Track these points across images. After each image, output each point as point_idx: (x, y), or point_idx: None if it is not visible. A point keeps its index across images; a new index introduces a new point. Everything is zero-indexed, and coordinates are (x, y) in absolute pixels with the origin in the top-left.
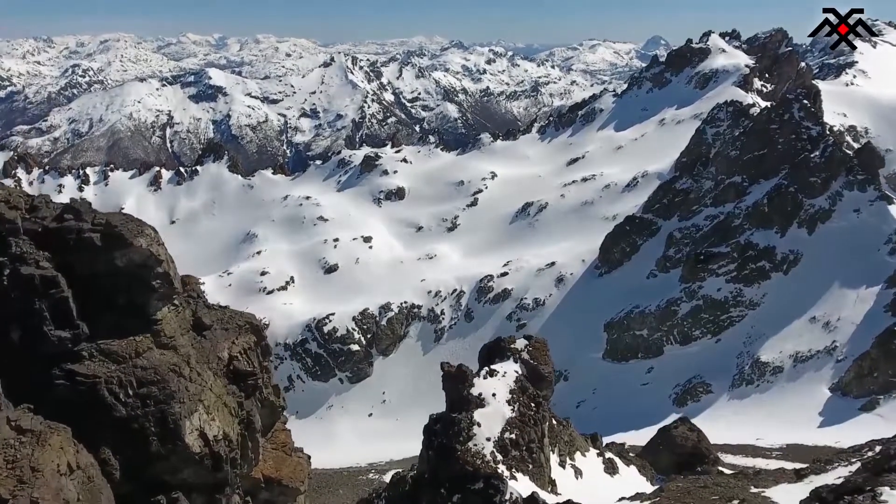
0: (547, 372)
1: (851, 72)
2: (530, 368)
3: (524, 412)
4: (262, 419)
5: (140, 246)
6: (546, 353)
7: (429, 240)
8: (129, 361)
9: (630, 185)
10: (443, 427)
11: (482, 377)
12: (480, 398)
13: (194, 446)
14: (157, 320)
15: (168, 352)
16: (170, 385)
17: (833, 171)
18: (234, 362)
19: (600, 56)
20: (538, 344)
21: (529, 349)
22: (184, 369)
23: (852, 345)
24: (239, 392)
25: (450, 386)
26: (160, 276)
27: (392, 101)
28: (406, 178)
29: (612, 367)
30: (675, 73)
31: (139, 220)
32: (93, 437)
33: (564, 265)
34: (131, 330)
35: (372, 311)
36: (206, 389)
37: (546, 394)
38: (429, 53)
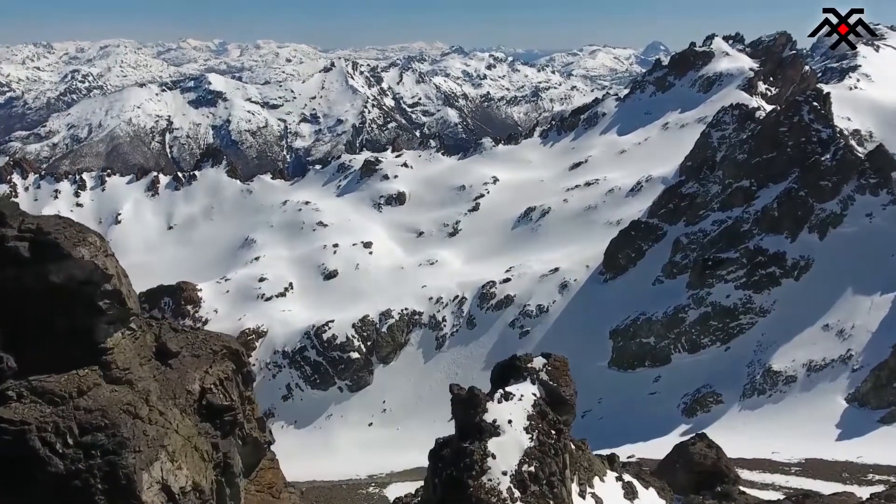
0: (568, 394)
1: (855, 75)
2: (549, 390)
3: (544, 441)
4: (243, 458)
5: (81, 257)
6: (567, 373)
7: (430, 245)
8: (70, 402)
9: (634, 190)
10: (453, 457)
11: (496, 401)
12: (495, 425)
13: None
14: (108, 349)
15: (121, 388)
16: (121, 430)
17: (844, 174)
18: (207, 396)
19: (600, 61)
20: (558, 363)
21: (548, 368)
22: (141, 409)
23: (868, 354)
24: (214, 431)
25: (460, 411)
26: (108, 295)
27: (392, 107)
28: (407, 182)
29: (618, 376)
30: (679, 76)
31: (81, 225)
32: (22, 499)
33: (568, 271)
34: (74, 362)
35: (372, 318)
36: (171, 432)
37: (567, 419)
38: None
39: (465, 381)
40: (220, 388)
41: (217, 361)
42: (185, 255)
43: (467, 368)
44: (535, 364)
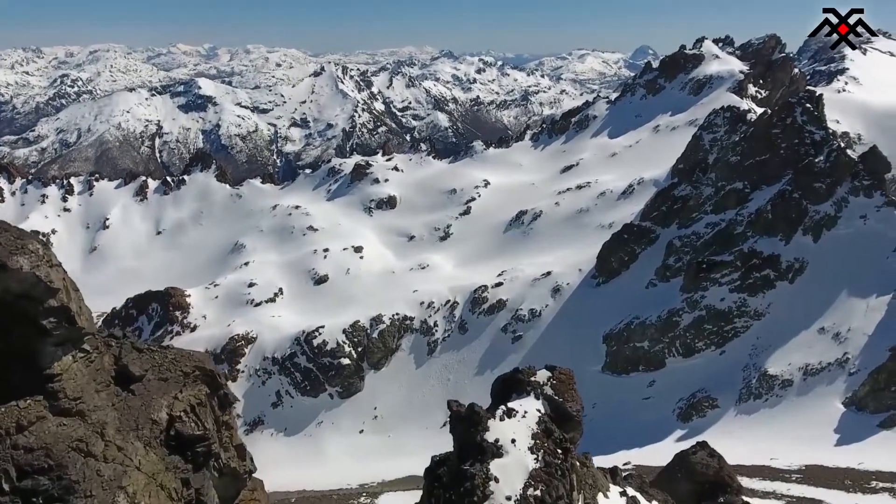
0: (575, 410)
1: (843, 78)
2: (555, 406)
3: (550, 462)
4: (220, 491)
5: (19, 268)
6: (572, 387)
7: (421, 249)
8: (7, 440)
9: (626, 193)
10: (451, 479)
11: (498, 418)
12: (497, 446)
13: None
14: (55, 375)
15: (70, 421)
16: (69, 471)
17: (838, 176)
18: (176, 425)
19: (589, 65)
20: (563, 375)
21: (553, 382)
22: (94, 445)
23: (865, 357)
24: (185, 464)
25: (459, 429)
26: (54, 312)
27: (382, 111)
28: (397, 186)
29: (612, 381)
30: (669, 79)
31: (19, 230)
32: None
33: (561, 275)
34: (13, 391)
35: (363, 323)
36: (132, 469)
37: (574, 436)
38: (419, 63)
39: (458, 387)
40: (191, 415)
41: (188, 385)
42: (173, 261)
43: (459, 374)
44: (538, 377)
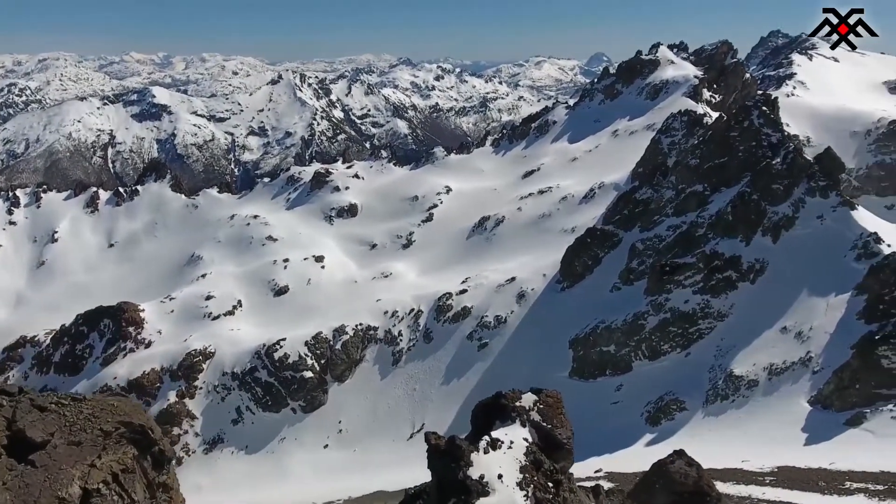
0: (565, 437)
1: (791, 83)
2: (543, 434)
3: (541, 498)
4: None
5: None
6: (561, 412)
7: (383, 258)
8: None
9: (587, 197)
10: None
11: (482, 451)
12: (483, 483)
13: None
14: None
15: None
16: None
17: (795, 177)
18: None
19: (546, 72)
20: (550, 399)
21: (540, 406)
22: None
23: (828, 355)
24: None
25: (439, 464)
26: None
27: (342, 118)
28: (358, 194)
29: (579, 386)
30: (626, 84)
31: None
32: None
33: (525, 280)
34: None
35: (325, 334)
36: None
37: (564, 465)
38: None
39: (424, 397)
40: (113, 485)
41: (110, 447)
42: (126, 274)
43: (426, 384)
44: (524, 402)
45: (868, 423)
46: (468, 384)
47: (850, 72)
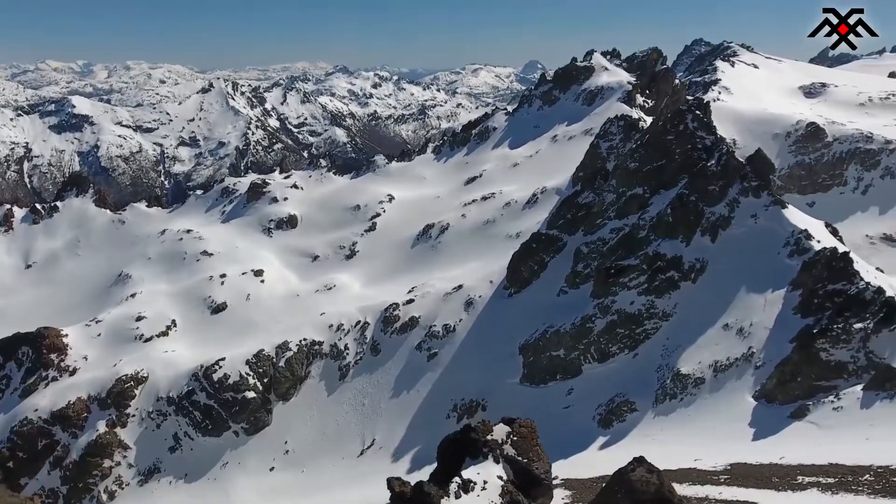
0: (543, 471)
1: (716, 88)
2: (519, 469)
3: None
4: None
5: None
6: (537, 443)
7: (326, 269)
8: None
9: (530, 202)
10: None
11: (453, 495)
12: None
13: None
14: None
15: None
16: None
17: (729, 178)
18: None
19: (482, 79)
20: (525, 430)
21: (514, 439)
22: None
23: (769, 350)
24: None
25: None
26: None
27: (277, 127)
28: (297, 204)
29: (531, 392)
30: (563, 90)
31: None
32: None
33: (472, 288)
34: None
35: (268, 352)
36: None
37: (543, 502)
38: (313, 78)
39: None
40: None
41: None
42: (46, 297)
43: (374, 398)
44: (496, 435)
45: (811, 416)
46: (419, 395)
47: (769, 77)
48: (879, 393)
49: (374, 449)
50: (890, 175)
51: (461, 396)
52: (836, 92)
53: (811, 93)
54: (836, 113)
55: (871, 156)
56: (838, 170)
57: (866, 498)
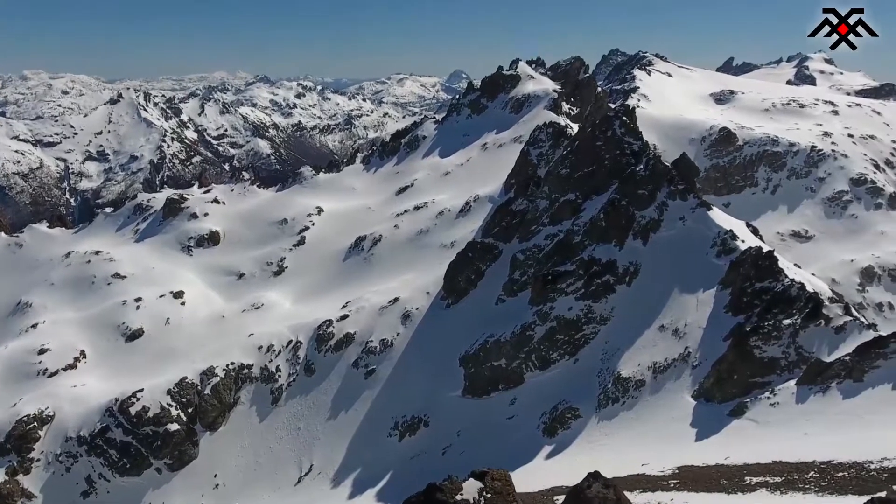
0: None
1: (636, 96)
2: None
3: None
4: None
5: None
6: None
7: (253, 288)
8: None
9: (464, 211)
10: None
11: None
12: None
13: None
14: None
15: None
16: None
17: (657, 182)
18: None
19: (408, 89)
20: (498, 483)
21: (487, 496)
22: None
23: (704, 349)
24: None
25: None
26: None
27: (195, 139)
28: (220, 220)
29: (474, 404)
30: (491, 98)
31: None
32: None
33: (409, 300)
34: None
35: (191, 379)
36: None
37: None
38: (233, 88)
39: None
40: None
41: None
42: None
43: (311, 420)
44: (466, 493)
45: (750, 413)
46: (357, 416)
47: (682, 85)
48: (812, 387)
49: (313, 475)
50: (795, 175)
51: (402, 413)
52: (743, 98)
53: (721, 99)
54: (744, 118)
55: (778, 158)
56: (749, 171)
57: (814, 496)
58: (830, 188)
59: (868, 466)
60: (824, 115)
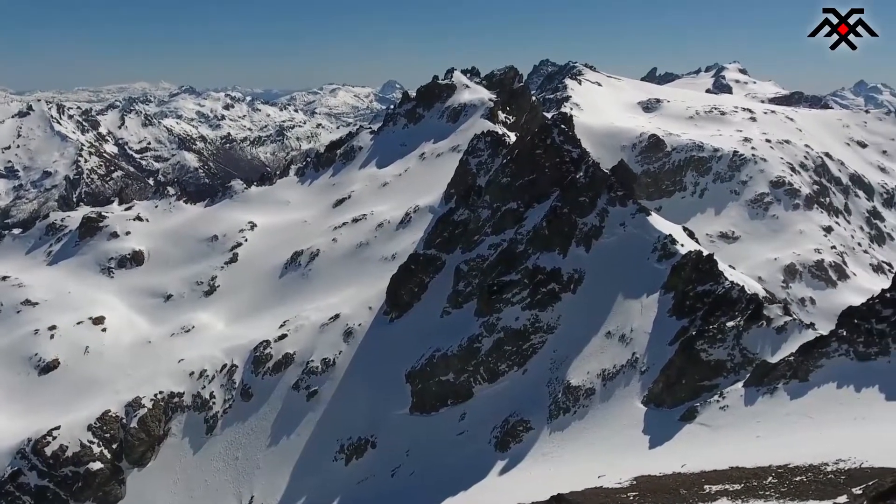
0: None
1: (568, 105)
2: None
3: None
4: None
5: None
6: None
7: (182, 310)
8: None
9: (404, 222)
10: None
11: None
12: None
13: None
14: None
15: None
16: None
17: (596, 189)
18: None
19: (341, 99)
20: None
21: None
22: None
23: (651, 354)
24: None
25: None
26: None
27: (116, 153)
28: (143, 238)
29: (422, 422)
30: (427, 108)
31: None
32: None
33: (351, 316)
34: None
35: (115, 412)
36: None
37: None
38: (156, 100)
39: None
40: None
41: None
42: None
43: (250, 448)
44: None
45: (701, 417)
46: (300, 440)
47: (612, 94)
48: (760, 388)
49: None
50: (720, 179)
51: (348, 435)
52: (668, 106)
53: (648, 108)
54: (670, 125)
55: (704, 163)
56: (678, 176)
57: (775, 503)
58: (753, 191)
59: (825, 469)
60: (743, 122)
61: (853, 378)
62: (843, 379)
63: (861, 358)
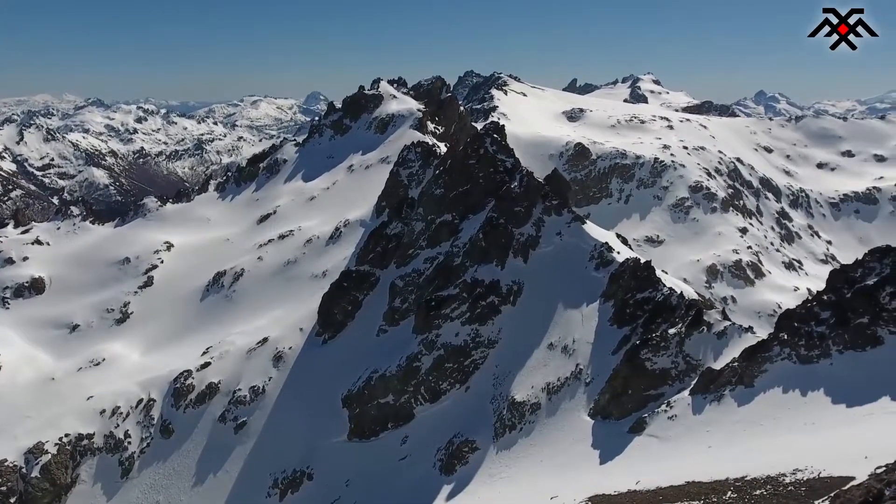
0: None
1: (495, 115)
2: None
3: None
4: None
5: None
6: None
7: (91, 341)
8: None
9: (333, 237)
10: None
11: None
12: None
13: None
14: None
15: None
16: None
17: (531, 198)
18: None
19: (263, 111)
20: None
21: None
22: None
23: (595, 364)
24: None
25: None
26: None
27: (14, 171)
28: (43, 264)
29: (362, 448)
30: (354, 119)
31: None
32: None
33: (280, 339)
34: None
35: (13, 461)
36: None
37: None
38: (59, 113)
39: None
40: None
41: None
42: None
43: (172, 490)
44: None
45: (650, 428)
46: (229, 478)
47: (537, 104)
48: (706, 396)
49: None
50: (643, 185)
51: (282, 468)
52: (591, 116)
53: (572, 117)
54: (594, 134)
55: (627, 170)
56: (604, 183)
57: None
58: (674, 195)
59: (783, 480)
60: (662, 130)
61: (798, 382)
62: (788, 383)
63: (803, 361)
